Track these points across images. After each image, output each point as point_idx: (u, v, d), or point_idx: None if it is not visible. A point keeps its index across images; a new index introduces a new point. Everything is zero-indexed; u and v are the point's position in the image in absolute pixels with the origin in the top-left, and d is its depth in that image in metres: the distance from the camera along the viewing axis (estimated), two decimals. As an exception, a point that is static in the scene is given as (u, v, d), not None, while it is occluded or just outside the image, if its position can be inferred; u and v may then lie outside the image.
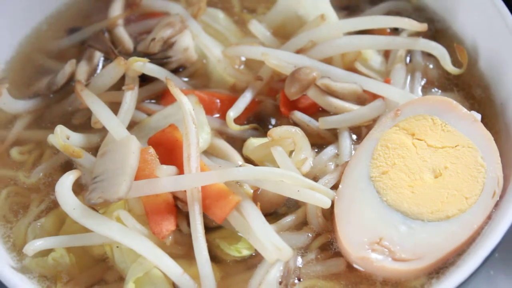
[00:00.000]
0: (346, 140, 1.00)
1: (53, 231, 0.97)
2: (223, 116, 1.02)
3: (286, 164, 0.94)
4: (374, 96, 1.03)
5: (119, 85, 1.04)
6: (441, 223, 0.90)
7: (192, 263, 0.91)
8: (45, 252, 0.94)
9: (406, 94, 1.02)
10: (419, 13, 1.16)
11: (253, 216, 0.90)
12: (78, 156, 0.98)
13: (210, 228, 0.93)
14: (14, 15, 1.15)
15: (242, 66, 1.12)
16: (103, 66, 1.09)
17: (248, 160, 1.02)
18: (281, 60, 1.04)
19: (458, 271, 0.85)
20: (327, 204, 0.91)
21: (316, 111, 1.04)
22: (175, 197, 0.94)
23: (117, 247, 0.93)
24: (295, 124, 1.02)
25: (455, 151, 0.96)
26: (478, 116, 0.99)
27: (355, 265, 0.93)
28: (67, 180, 0.90)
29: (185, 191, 0.92)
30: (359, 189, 0.94)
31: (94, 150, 1.00)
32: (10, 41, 1.13)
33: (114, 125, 0.96)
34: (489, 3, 1.06)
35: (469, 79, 1.08)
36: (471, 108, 1.04)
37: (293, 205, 0.97)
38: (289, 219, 0.95)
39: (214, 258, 0.92)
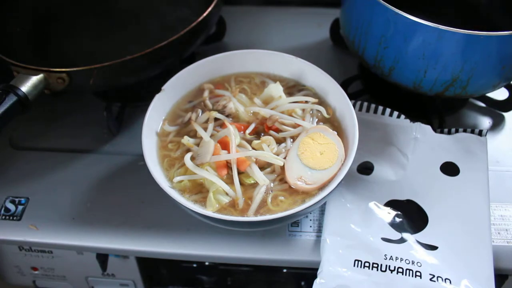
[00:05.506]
0: (288, 141, 1.39)
1: (183, 174, 1.31)
2: (244, 132, 1.40)
3: (267, 150, 1.32)
4: (299, 125, 1.40)
5: (206, 121, 1.41)
6: (322, 171, 1.32)
7: (233, 185, 1.27)
8: (181, 181, 1.32)
9: (310, 125, 1.37)
10: (315, 95, 1.58)
11: (255, 169, 1.31)
12: (191, 146, 1.34)
13: (239, 173, 1.30)
14: (169, 97, 1.59)
15: (251, 114, 1.54)
16: (201, 114, 1.51)
17: (254, 149, 1.36)
18: (265, 112, 1.40)
19: (329, 188, 1.27)
20: (281, 163, 1.31)
21: (278, 130, 1.41)
22: (227, 161, 1.32)
23: (206, 179, 1.31)
24: (270, 135, 1.38)
25: (328, 145, 1.37)
26: (335, 133, 1.33)
27: (292, 186, 1.33)
28: (188, 155, 1.31)
29: (230, 159, 1.31)
30: (293, 158, 1.31)
31: (197, 145, 1.37)
32: (168, 105, 1.56)
33: (205, 135, 1.33)
34: (339, 91, 1.50)
35: (333, 119, 1.44)
36: (333, 129, 1.39)
37: (270, 165, 1.34)
38: (268, 169, 1.34)
39: (241, 184, 1.31)
